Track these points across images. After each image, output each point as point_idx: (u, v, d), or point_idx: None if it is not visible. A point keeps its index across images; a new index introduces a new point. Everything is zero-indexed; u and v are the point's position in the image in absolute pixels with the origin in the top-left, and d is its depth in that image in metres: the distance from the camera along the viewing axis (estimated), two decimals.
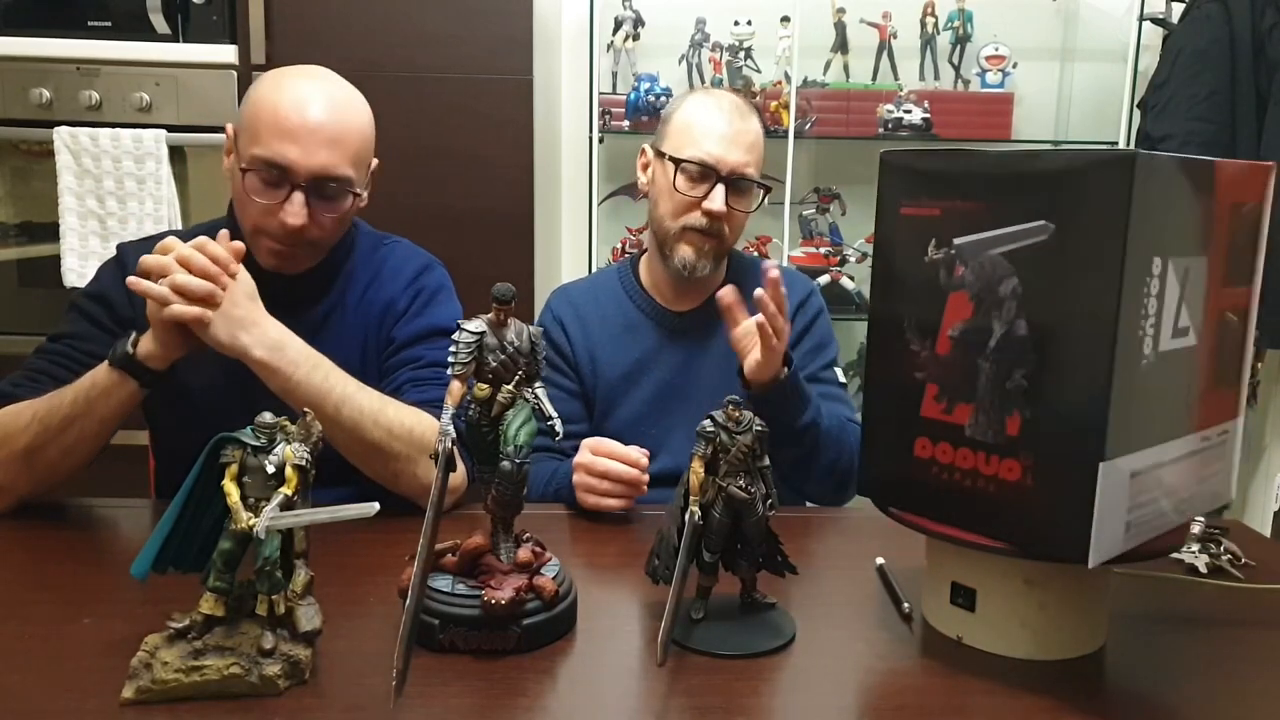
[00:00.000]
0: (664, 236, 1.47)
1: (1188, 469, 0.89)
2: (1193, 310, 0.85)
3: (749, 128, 1.45)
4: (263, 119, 1.18)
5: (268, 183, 1.19)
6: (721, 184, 1.41)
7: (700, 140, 1.42)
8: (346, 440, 1.16)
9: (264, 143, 1.17)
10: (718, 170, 1.41)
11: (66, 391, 1.13)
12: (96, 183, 2.25)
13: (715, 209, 1.41)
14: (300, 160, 1.17)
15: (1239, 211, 0.88)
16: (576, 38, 2.75)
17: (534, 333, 0.90)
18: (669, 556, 0.89)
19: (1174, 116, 2.29)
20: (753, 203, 1.46)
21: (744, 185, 1.43)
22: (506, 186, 2.39)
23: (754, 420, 0.90)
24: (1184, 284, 0.83)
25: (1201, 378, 0.88)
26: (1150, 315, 0.80)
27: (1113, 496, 0.79)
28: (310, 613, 0.81)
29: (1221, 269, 0.87)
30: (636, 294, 1.55)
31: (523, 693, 0.81)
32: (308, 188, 1.19)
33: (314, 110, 1.18)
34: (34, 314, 2.37)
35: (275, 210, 1.19)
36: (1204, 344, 0.87)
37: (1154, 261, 0.79)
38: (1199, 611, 1.00)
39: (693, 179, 1.42)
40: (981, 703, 0.81)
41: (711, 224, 1.42)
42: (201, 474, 0.80)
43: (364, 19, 2.31)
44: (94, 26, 2.29)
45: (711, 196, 1.41)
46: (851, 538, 1.21)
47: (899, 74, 2.75)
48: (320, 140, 1.18)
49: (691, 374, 1.49)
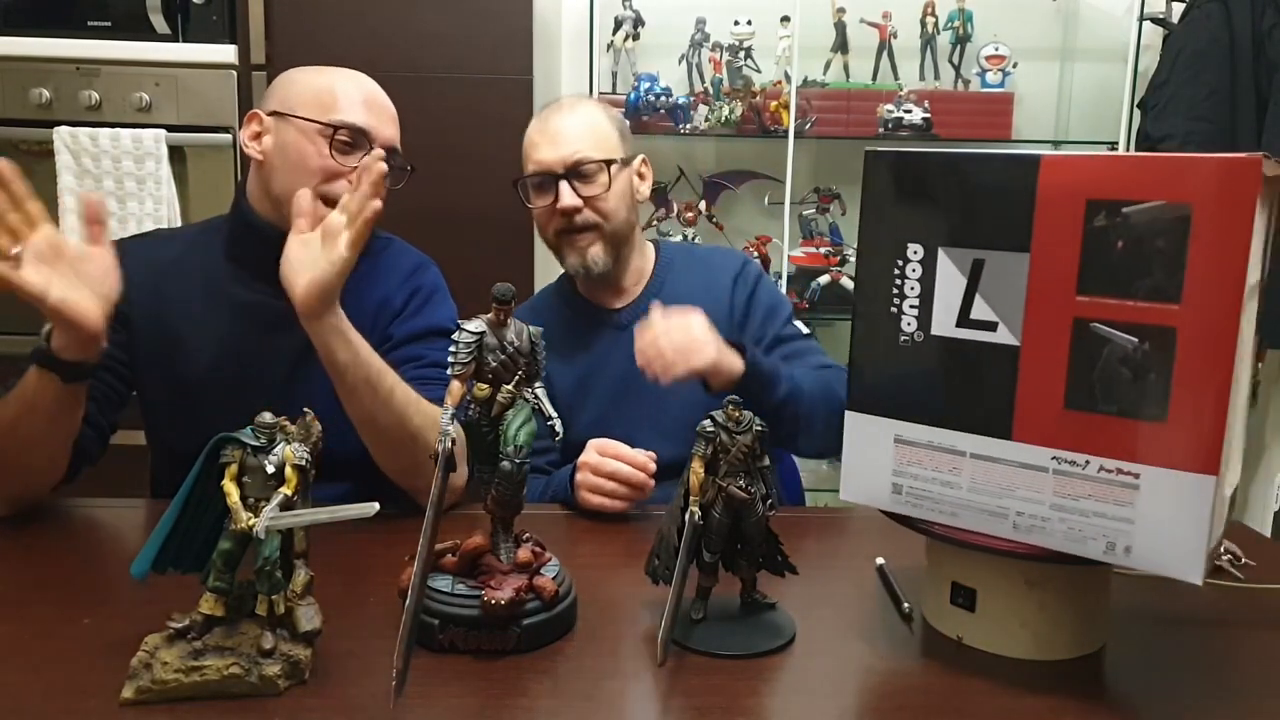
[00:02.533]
0: (555, 252, 1.51)
1: (1024, 482, 0.84)
2: (1003, 307, 0.83)
3: (571, 117, 1.48)
4: (338, 93, 1.27)
5: (346, 148, 1.25)
6: (563, 181, 1.43)
7: (532, 154, 1.48)
8: (390, 424, 1.16)
9: (345, 110, 1.26)
10: (553, 171, 1.44)
11: (11, 391, 1.12)
12: (96, 183, 2.25)
13: (566, 204, 1.43)
14: (378, 128, 1.28)
15: (1114, 211, 0.78)
16: (576, 38, 2.75)
17: (534, 333, 0.91)
18: (669, 556, 0.89)
19: (1174, 116, 2.29)
20: (605, 183, 1.45)
21: (587, 170, 1.44)
22: (507, 187, 2.38)
23: (754, 420, 0.90)
24: (974, 276, 0.85)
25: (1035, 388, 0.83)
26: (908, 296, 0.87)
27: (862, 444, 0.92)
28: (310, 613, 0.81)
29: (1067, 273, 0.80)
30: (574, 301, 1.56)
31: (523, 693, 0.81)
32: (386, 152, 1.24)
33: (379, 92, 1.31)
34: (34, 314, 2.36)
35: (349, 173, 1.24)
36: (1038, 350, 0.82)
37: (909, 247, 0.87)
38: (1199, 611, 1.00)
39: (541, 190, 1.47)
40: (981, 703, 0.81)
41: (574, 219, 1.45)
42: (201, 474, 0.80)
43: (364, 19, 2.31)
44: (94, 26, 2.29)
45: (560, 196, 1.43)
46: (851, 538, 1.21)
47: (899, 74, 2.75)
48: (389, 116, 1.31)
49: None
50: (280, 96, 1.29)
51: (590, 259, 1.46)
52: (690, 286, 1.51)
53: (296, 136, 1.26)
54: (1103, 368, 0.79)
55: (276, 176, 1.26)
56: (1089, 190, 0.79)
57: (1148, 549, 0.79)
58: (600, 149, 1.45)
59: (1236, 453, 0.85)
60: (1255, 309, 0.81)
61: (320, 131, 1.25)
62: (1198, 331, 0.75)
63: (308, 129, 1.25)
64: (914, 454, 0.90)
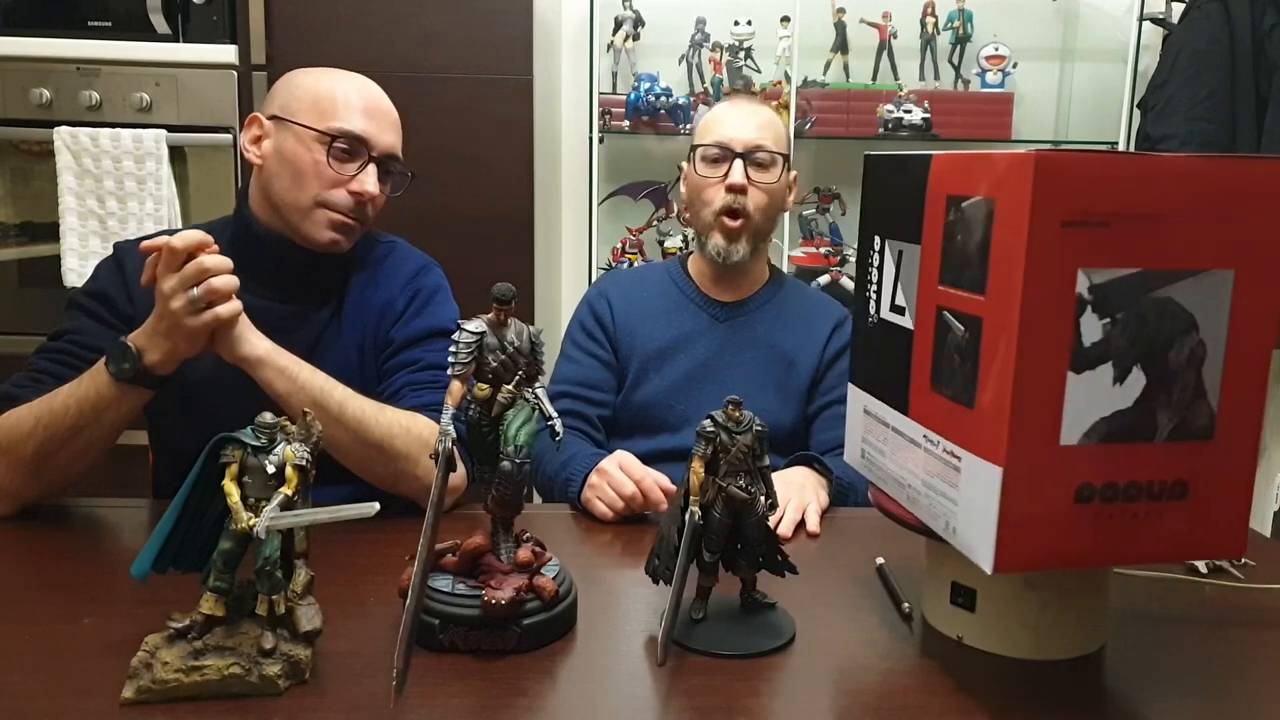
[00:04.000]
0: (700, 228, 1.57)
1: (911, 457, 0.89)
2: (908, 294, 0.90)
3: (759, 111, 1.57)
4: (337, 99, 1.26)
5: (344, 155, 1.26)
6: (739, 159, 1.50)
7: (715, 129, 1.55)
8: (349, 440, 1.16)
9: (343, 117, 1.25)
10: (732, 149, 1.51)
11: (68, 399, 1.11)
12: (96, 183, 2.25)
13: (736, 180, 1.50)
14: (377, 135, 1.27)
15: (958, 206, 0.81)
16: (576, 38, 2.75)
17: (534, 333, 0.91)
18: (669, 556, 0.89)
19: (1174, 117, 2.29)
20: (775, 176, 1.53)
21: (762, 158, 1.52)
22: (506, 186, 2.39)
23: (754, 420, 0.90)
24: (898, 266, 0.91)
25: (918, 369, 0.88)
26: (873, 283, 0.96)
27: (854, 414, 1.01)
28: (310, 613, 0.81)
29: (935, 264, 0.85)
30: (683, 282, 1.63)
31: (523, 693, 0.81)
32: (378, 162, 1.28)
33: (381, 97, 1.31)
34: (34, 314, 2.37)
35: (347, 181, 1.25)
36: (922, 335, 0.87)
37: (874, 239, 0.95)
38: (1199, 611, 1.00)
39: (712, 161, 1.53)
40: (981, 703, 0.81)
41: (735, 199, 1.51)
42: (201, 474, 0.80)
43: (364, 19, 2.31)
44: (94, 26, 2.29)
45: (732, 173, 1.50)
46: (851, 538, 1.21)
47: (899, 74, 2.75)
48: (389, 123, 1.30)
49: (728, 359, 1.56)
50: (281, 101, 1.28)
51: (733, 247, 1.53)
52: (794, 315, 1.59)
53: (295, 143, 1.25)
54: (945, 353, 0.84)
55: (275, 182, 1.26)
56: (949, 186, 0.83)
57: (964, 531, 0.81)
58: (777, 144, 1.55)
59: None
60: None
61: (318, 139, 1.24)
62: (995, 322, 0.77)
63: (305, 135, 1.25)
64: (870, 424, 0.98)
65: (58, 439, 1.12)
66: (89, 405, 1.11)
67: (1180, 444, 0.78)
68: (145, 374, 1.10)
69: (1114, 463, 0.77)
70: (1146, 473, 0.78)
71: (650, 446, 1.49)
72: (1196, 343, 0.77)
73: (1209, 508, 0.79)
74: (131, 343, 1.09)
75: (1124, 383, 0.76)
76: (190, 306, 1.06)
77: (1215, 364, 0.77)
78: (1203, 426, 0.78)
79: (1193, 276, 0.76)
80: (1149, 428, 0.77)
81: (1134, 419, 0.77)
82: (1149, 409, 0.77)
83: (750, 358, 1.55)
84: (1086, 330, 0.75)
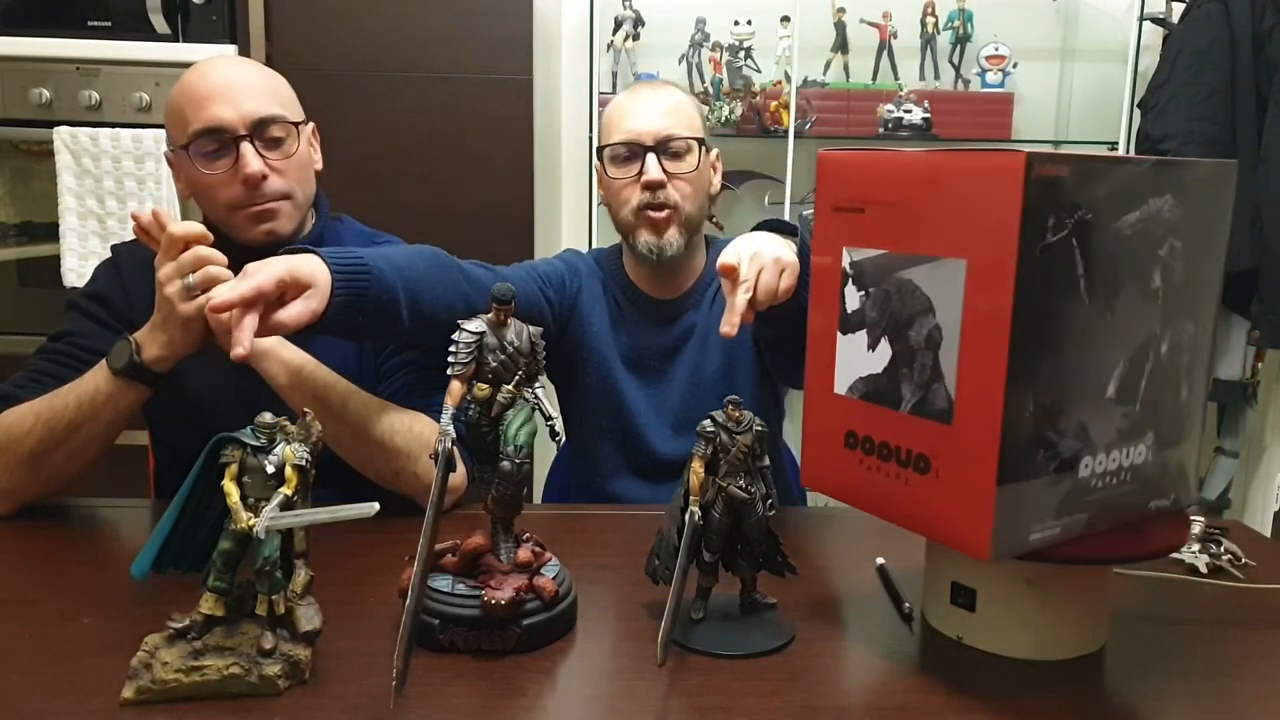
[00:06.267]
0: (626, 229, 1.46)
1: None
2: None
3: (663, 95, 1.45)
4: (184, 101, 1.22)
5: (215, 153, 1.22)
6: (651, 154, 1.40)
7: (620, 124, 1.43)
8: (350, 437, 1.16)
9: (193, 117, 1.21)
10: (641, 143, 1.40)
11: (69, 395, 1.12)
12: (96, 183, 2.25)
13: (652, 177, 1.39)
14: (232, 114, 1.21)
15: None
16: (576, 38, 2.75)
17: (534, 333, 0.91)
18: (669, 556, 0.89)
19: (1174, 116, 2.29)
20: (693, 163, 1.43)
21: (676, 147, 1.41)
22: (506, 186, 2.39)
23: (754, 420, 0.90)
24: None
25: None
26: None
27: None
28: (310, 613, 0.81)
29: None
30: (621, 279, 1.53)
31: (523, 693, 0.81)
32: (251, 137, 1.21)
33: (221, 71, 1.24)
34: (34, 314, 2.37)
35: (233, 175, 1.21)
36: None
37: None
38: (1199, 611, 1.00)
39: (624, 162, 1.42)
40: (981, 703, 0.81)
41: (655, 194, 1.41)
42: (201, 474, 0.80)
43: (364, 19, 2.31)
44: (94, 26, 2.29)
45: (646, 168, 1.39)
46: (851, 538, 1.21)
47: (899, 74, 2.75)
48: (240, 92, 1.22)
49: (683, 360, 1.48)
50: (166, 120, 1.27)
51: (666, 240, 1.42)
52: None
53: (184, 165, 1.25)
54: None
55: (200, 207, 1.27)
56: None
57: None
58: (689, 128, 1.43)
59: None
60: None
61: (190, 152, 1.22)
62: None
63: (182, 156, 1.23)
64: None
65: (56, 435, 1.12)
66: (87, 400, 1.11)
67: (923, 420, 0.82)
68: (142, 368, 1.10)
69: (871, 419, 0.87)
70: (896, 437, 0.85)
71: (622, 461, 1.47)
72: (934, 326, 0.81)
73: (952, 491, 0.81)
74: (133, 339, 1.11)
75: (876, 350, 0.87)
76: (185, 293, 1.06)
77: (951, 350, 0.80)
78: (941, 409, 0.81)
79: (930, 263, 0.81)
80: (895, 396, 0.85)
81: (884, 385, 0.86)
82: (894, 379, 0.85)
83: (711, 350, 1.46)
84: (849, 299, 0.89)
